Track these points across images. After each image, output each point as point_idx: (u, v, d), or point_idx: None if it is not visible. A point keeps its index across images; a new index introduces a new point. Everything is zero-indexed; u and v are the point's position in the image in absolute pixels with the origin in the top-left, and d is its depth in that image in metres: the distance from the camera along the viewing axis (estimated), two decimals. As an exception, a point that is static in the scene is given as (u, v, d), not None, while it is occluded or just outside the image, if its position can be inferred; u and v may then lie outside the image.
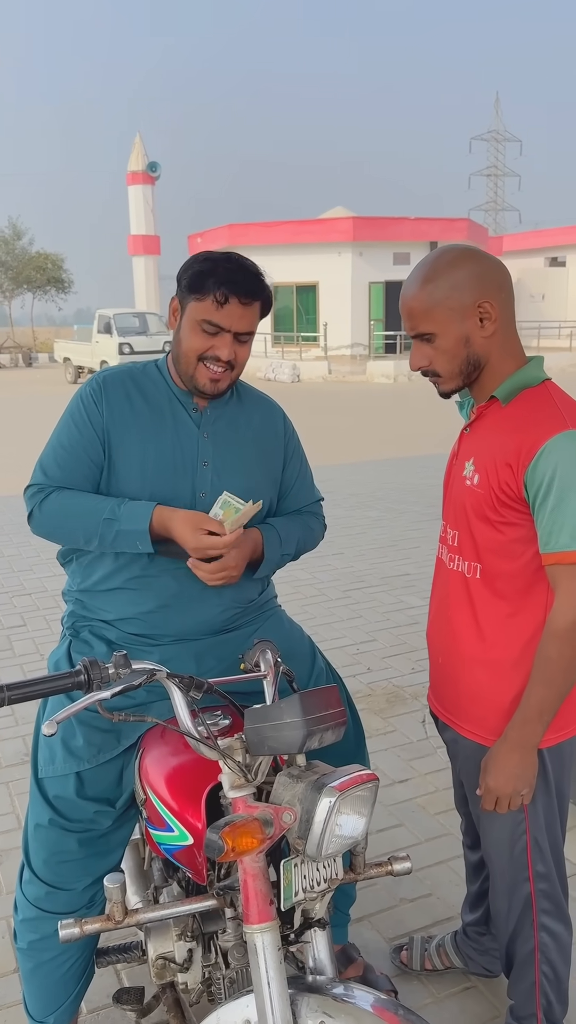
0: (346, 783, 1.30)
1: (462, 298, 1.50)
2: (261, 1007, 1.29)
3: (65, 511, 1.75)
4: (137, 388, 1.81)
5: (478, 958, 2.10)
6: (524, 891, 1.71)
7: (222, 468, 1.80)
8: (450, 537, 1.67)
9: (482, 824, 1.73)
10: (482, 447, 1.57)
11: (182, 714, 1.38)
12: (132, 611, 1.78)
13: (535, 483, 1.46)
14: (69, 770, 1.72)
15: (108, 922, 1.45)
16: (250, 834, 1.25)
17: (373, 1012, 1.29)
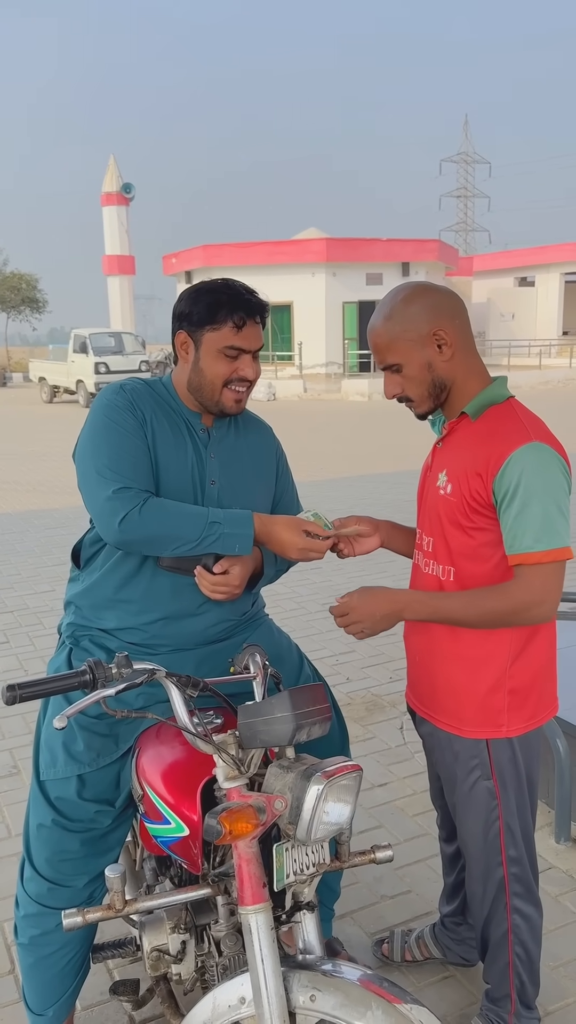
0: (333, 772, 1.41)
1: (419, 329, 1.65)
2: (256, 983, 1.39)
3: (169, 513, 1.72)
4: (157, 403, 1.86)
5: (456, 948, 2.21)
6: (497, 875, 1.83)
7: (227, 486, 1.90)
8: (425, 543, 1.80)
9: (458, 812, 1.85)
10: (454, 459, 1.71)
11: (180, 711, 1.49)
12: (133, 622, 1.87)
13: (502, 490, 1.59)
14: (70, 773, 1.81)
15: (109, 911, 1.55)
16: (245, 819, 1.36)
17: (360, 984, 1.39)
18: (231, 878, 1.54)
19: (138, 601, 1.87)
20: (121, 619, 1.89)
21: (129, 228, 35.32)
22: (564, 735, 2.83)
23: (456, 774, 1.80)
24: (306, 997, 1.39)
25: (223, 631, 1.94)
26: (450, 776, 1.82)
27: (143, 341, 23.56)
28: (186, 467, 1.86)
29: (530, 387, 25.42)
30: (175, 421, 1.87)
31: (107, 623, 1.90)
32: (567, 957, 2.30)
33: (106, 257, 35.75)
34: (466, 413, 1.70)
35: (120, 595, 1.88)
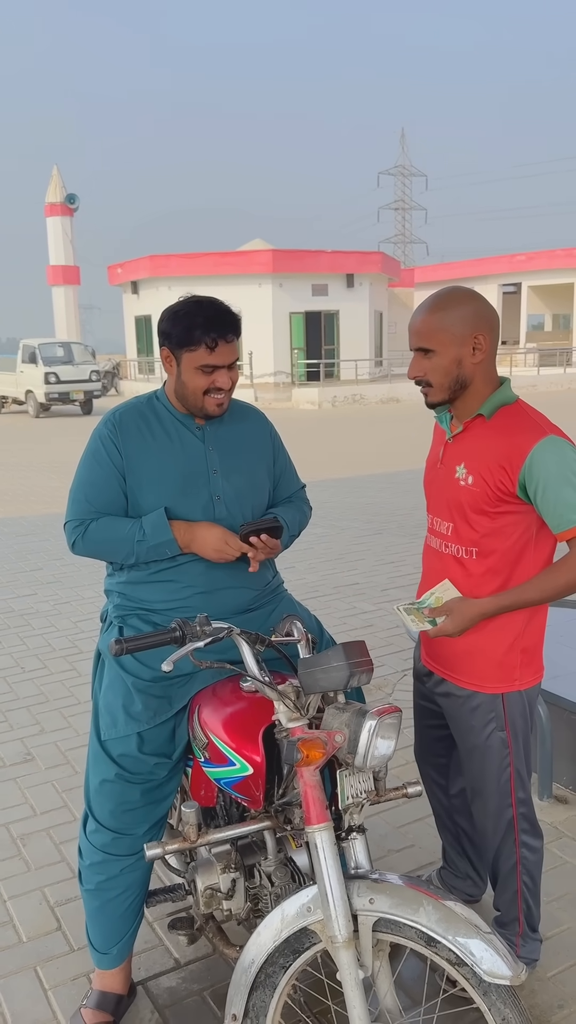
0: (382, 711, 1.67)
1: (463, 328, 1.89)
2: (323, 891, 1.62)
3: (103, 538, 2.09)
4: (146, 420, 2.14)
5: (460, 885, 2.47)
6: (508, 815, 2.10)
7: (229, 472, 2.16)
8: (444, 528, 2.05)
9: (472, 760, 2.10)
10: (472, 453, 1.96)
11: (251, 663, 1.74)
12: (173, 598, 2.11)
13: (532, 480, 1.84)
14: (131, 731, 2.02)
15: (185, 842, 1.79)
16: (317, 747, 1.61)
17: (407, 887, 1.64)
18: (293, 807, 1.79)
19: (177, 580, 2.11)
20: (165, 596, 2.12)
21: (74, 238, 35.19)
22: (546, 703, 3.14)
23: (473, 727, 2.06)
24: (365, 900, 1.63)
25: (251, 600, 2.18)
26: (466, 729, 2.08)
27: (93, 351, 23.55)
28: (187, 463, 2.11)
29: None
30: (171, 427, 2.14)
31: (150, 602, 2.13)
32: (557, 893, 2.59)
33: (50, 267, 35.54)
34: (481, 414, 1.96)
35: (160, 576, 2.12)
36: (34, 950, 2.39)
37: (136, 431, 2.12)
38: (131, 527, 2.07)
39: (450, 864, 2.48)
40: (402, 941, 1.64)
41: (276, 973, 1.72)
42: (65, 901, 2.58)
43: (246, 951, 1.73)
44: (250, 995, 1.72)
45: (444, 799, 2.41)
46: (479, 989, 1.57)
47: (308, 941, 1.69)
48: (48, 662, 4.60)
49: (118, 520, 2.09)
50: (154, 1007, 2.19)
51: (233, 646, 1.84)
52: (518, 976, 1.53)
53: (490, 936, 1.57)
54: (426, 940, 1.60)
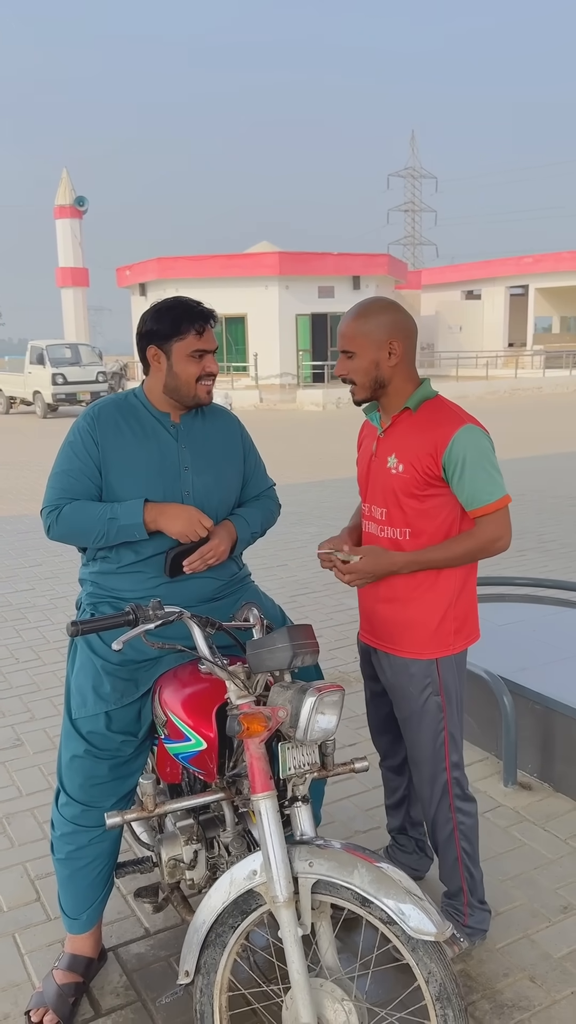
0: (323, 688, 1.80)
1: (379, 335, 2.11)
2: (266, 855, 1.76)
3: (76, 519, 2.21)
4: (123, 415, 2.28)
5: (406, 859, 2.61)
6: (442, 780, 2.25)
7: (199, 470, 2.29)
8: (378, 514, 2.23)
9: (410, 725, 2.26)
10: (402, 444, 2.15)
11: (201, 644, 1.87)
12: (143, 587, 2.25)
13: (451, 463, 2.06)
14: (99, 710, 2.16)
15: (143, 811, 1.93)
16: (258, 721, 1.75)
17: (345, 851, 1.77)
18: (242, 778, 1.93)
19: (145, 571, 2.25)
20: (134, 585, 2.26)
21: (83, 241, 35.45)
22: (511, 693, 3.27)
23: (411, 693, 2.22)
24: (305, 864, 1.77)
25: (216, 590, 2.32)
26: (405, 695, 2.24)
27: (100, 352, 23.77)
28: (160, 459, 2.25)
29: (477, 397, 26.24)
30: (147, 423, 2.27)
31: (122, 591, 2.27)
32: (514, 872, 2.71)
33: (59, 269, 35.83)
34: (408, 407, 2.16)
35: (130, 568, 2.26)
36: (13, 919, 2.54)
37: (113, 425, 2.25)
38: (103, 509, 2.19)
39: (396, 840, 2.62)
40: (339, 902, 1.77)
41: (226, 932, 1.85)
42: (45, 875, 2.73)
43: (198, 912, 1.87)
44: (201, 952, 1.86)
45: (388, 774, 2.57)
46: (408, 946, 1.70)
47: (254, 903, 1.82)
48: (42, 653, 4.75)
49: (90, 504, 2.22)
50: (123, 971, 2.33)
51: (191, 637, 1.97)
52: (442, 933, 1.66)
53: (418, 897, 1.70)
54: (360, 901, 1.73)
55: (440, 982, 1.68)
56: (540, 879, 2.67)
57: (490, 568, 6.21)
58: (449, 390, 25.90)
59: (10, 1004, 2.22)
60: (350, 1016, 1.76)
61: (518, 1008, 2.15)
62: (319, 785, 2.46)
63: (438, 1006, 1.68)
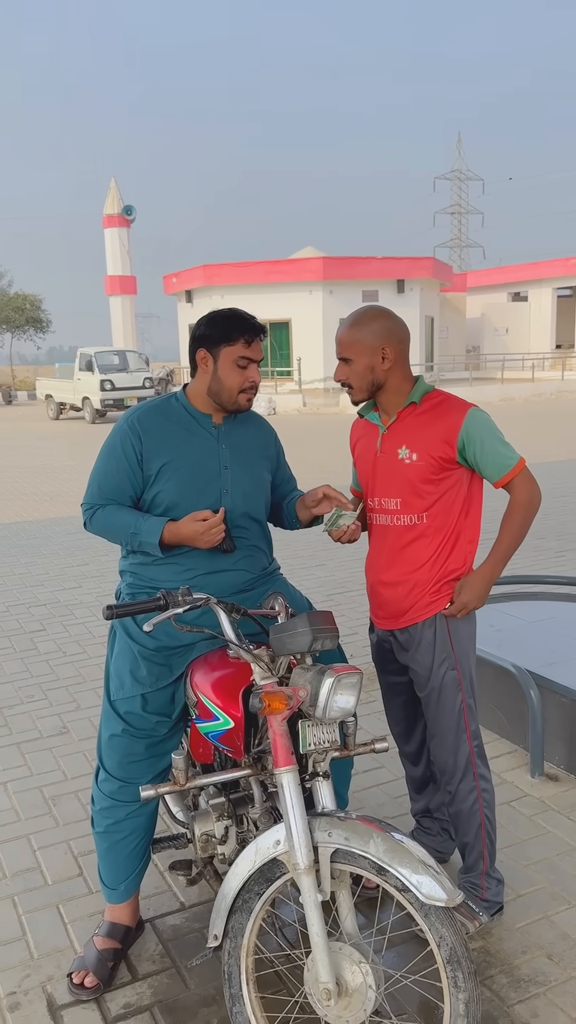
0: (341, 670, 1.92)
1: (372, 342, 2.26)
2: (288, 825, 1.88)
3: (107, 524, 2.37)
4: (165, 416, 2.41)
5: (430, 842, 2.71)
6: (465, 750, 2.37)
7: (238, 469, 2.42)
8: (392, 504, 2.35)
9: (431, 700, 2.38)
10: (412, 435, 2.30)
11: (227, 629, 2.01)
12: (179, 578, 2.39)
13: (470, 444, 2.23)
14: (136, 692, 2.31)
15: (175, 785, 2.06)
16: (279, 699, 1.88)
17: (361, 823, 1.89)
18: (267, 755, 2.05)
19: (181, 563, 2.39)
20: (171, 576, 2.39)
21: (131, 249, 36.08)
22: (537, 686, 3.34)
23: (430, 670, 2.36)
24: (324, 834, 1.89)
25: (247, 582, 2.44)
26: (424, 673, 2.38)
27: (147, 359, 24.19)
28: (201, 456, 2.38)
29: (523, 399, 26.00)
30: (188, 424, 2.40)
31: (159, 580, 2.41)
32: (537, 858, 2.79)
33: (108, 277, 36.52)
34: (413, 402, 2.31)
35: (167, 560, 2.40)
36: (57, 891, 2.70)
37: (155, 427, 2.38)
38: (129, 520, 2.33)
39: (421, 823, 2.73)
40: (357, 870, 1.88)
41: (252, 899, 1.98)
42: (87, 852, 2.89)
43: (226, 880, 2.00)
44: (229, 917, 1.99)
45: (409, 763, 2.68)
46: (420, 911, 1.81)
47: (278, 871, 1.94)
48: (87, 647, 4.95)
49: (122, 510, 2.36)
50: (159, 940, 2.47)
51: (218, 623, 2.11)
52: (453, 900, 1.77)
53: (430, 867, 1.81)
54: (377, 869, 1.84)
55: (451, 946, 1.78)
56: (562, 864, 2.74)
57: (528, 567, 6.24)
58: (494, 392, 25.73)
59: (54, 967, 2.37)
60: (367, 977, 1.87)
61: (534, 983, 2.24)
62: (345, 768, 2.57)
63: (448, 968, 1.78)
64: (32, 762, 3.57)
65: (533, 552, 6.69)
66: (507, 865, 2.72)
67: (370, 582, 2.47)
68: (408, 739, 2.64)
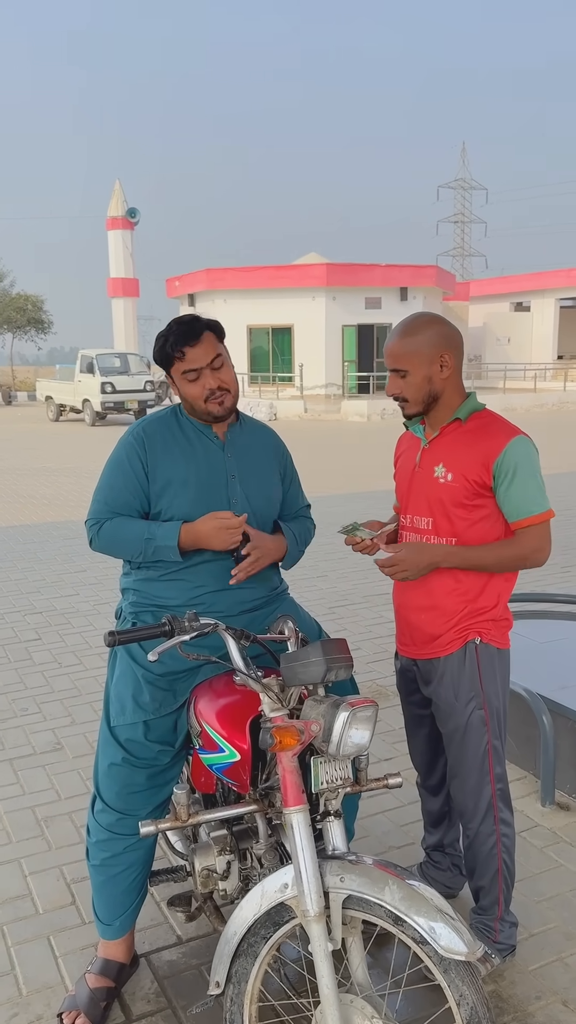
0: (356, 703, 1.81)
1: (431, 350, 2.11)
2: (297, 869, 1.77)
3: (116, 536, 2.26)
4: (170, 429, 2.32)
5: (440, 877, 2.59)
6: (487, 793, 2.24)
7: (244, 479, 2.32)
8: (425, 524, 2.23)
9: (455, 739, 2.25)
10: (451, 454, 2.16)
11: (236, 657, 1.89)
12: (186, 595, 2.28)
13: (502, 473, 2.08)
14: (138, 719, 2.19)
15: (176, 821, 1.95)
16: (291, 735, 1.76)
17: (377, 868, 1.78)
18: (275, 791, 1.94)
19: (189, 579, 2.28)
20: (177, 593, 2.28)
21: (134, 251, 36.01)
22: (549, 712, 3.23)
23: (456, 707, 2.23)
24: (336, 879, 1.77)
25: (255, 601, 2.34)
26: (450, 709, 2.24)
27: (148, 362, 24.08)
28: (208, 466, 2.29)
29: (525, 410, 25.93)
30: (193, 435, 2.31)
31: (165, 599, 2.30)
32: (549, 894, 2.68)
33: (111, 280, 36.44)
34: (458, 418, 2.17)
35: (174, 576, 2.29)
36: (48, 921, 2.58)
37: (160, 440, 2.30)
38: (141, 528, 2.24)
39: (431, 856, 2.61)
40: (371, 919, 1.77)
41: (257, 943, 1.86)
42: (81, 879, 2.76)
43: (230, 923, 1.88)
44: (232, 963, 1.87)
45: (429, 796, 2.56)
46: (440, 967, 1.69)
47: (286, 915, 1.83)
48: (84, 658, 4.83)
49: (130, 521, 2.27)
50: (155, 977, 2.35)
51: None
52: (473, 953, 1.65)
53: (449, 916, 1.69)
54: (393, 919, 1.72)
55: (472, 1005, 1.67)
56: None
57: (535, 584, 6.14)
58: (496, 402, 25.64)
59: (43, 1006, 2.25)
60: (379, 1033, 1.76)
61: (551, 1033, 2.12)
62: (353, 799, 2.46)
63: (468, 1030, 1.67)
64: (25, 780, 3.45)
65: (539, 568, 6.58)
66: (518, 901, 2.60)
67: (396, 603, 2.36)
68: (430, 773, 2.52)
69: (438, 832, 2.57)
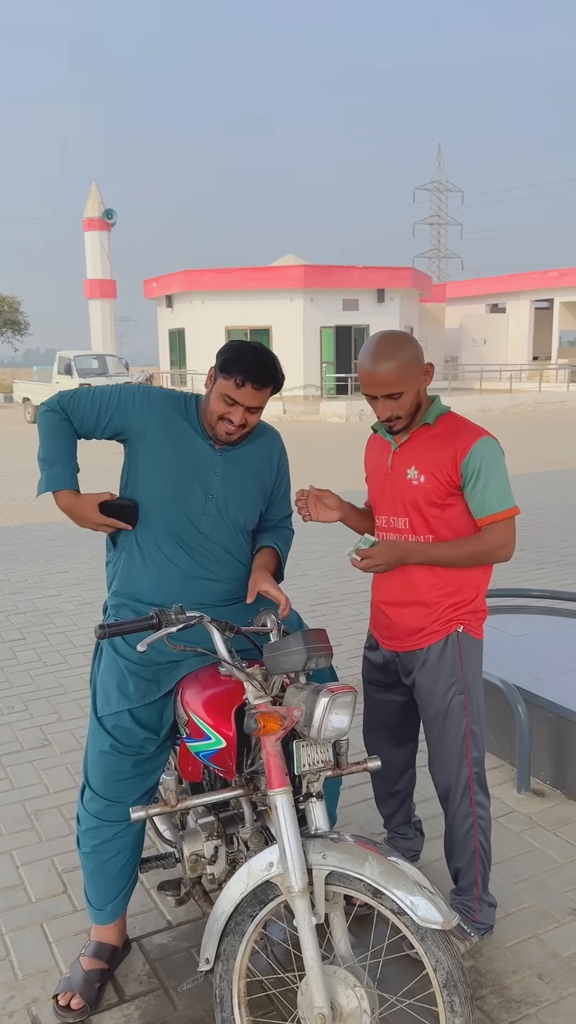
0: (335, 689, 1.90)
1: (417, 366, 2.22)
2: (282, 847, 1.86)
3: (44, 432, 2.36)
4: (176, 408, 2.39)
5: (404, 845, 2.73)
6: (464, 776, 2.35)
7: (227, 478, 2.39)
8: (402, 523, 2.33)
9: (435, 724, 2.37)
10: (422, 456, 2.27)
11: (220, 647, 1.98)
12: (159, 585, 2.34)
13: (469, 472, 2.20)
14: (123, 707, 2.27)
15: (166, 806, 2.03)
16: (274, 720, 1.85)
17: (357, 845, 1.87)
18: (260, 775, 2.03)
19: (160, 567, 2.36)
20: (153, 586, 2.34)
21: (111, 252, 35.94)
22: (525, 702, 3.34)
23: (437, 693, 2.34)
24: (319, 856, 1.86)
25: (230, 593, 2.41)
26: (431, 696, 2.36)
27: (126, 363, 24.07)
28: (194, 456, 2.35)
29: (501, 410, 26.19)
30: (194, 423, 2.38)
31: (144, 595, 2.36)
32: (525, 875, 2.79)
33: (88, 281, 36.33)
34: (427, 423, 2.28)
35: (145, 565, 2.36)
36: (41, 909, 2.66)
37: (164, 412, 2.37)
38: (57, 452, 2.33)
39: (398, 831, 2.75)
40: (352, 893, 1.86)
41: (244, 921, 1.95)
42: (72, 869, 2.84)
43: (218, 902, 1.97)
44: (221, 940, 1.96)
45: (385, 760, 2.64)
46: (417, 935, 1.79)
47: (272, 893, 1.92)
48: (68, 657, 4.89)
49: (65, 436, 2.35)
50: (146, 960, 2.43)
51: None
52: (448, 922, 1.75)
53: (426, 889, 1.79)
54: (373, 892, 1.82)
55: (447, 970, 1.76)
56: (550, 882, 2.74)
57: (509, 580, 6.27)
58: (472, 403, 25.89)
59: (39, 988, 2.33)
60: (362, 1001, 1.85)
61: (525, 1003, 2.23)
62: (334, 786, 2.55)
63: (445, 993, 1.76)
64: (13, 775, 3.51)
65: (514, 564, 6.72)
66: (495, 883, 2.71)
67: (376, 601, 2.46)
68: (390, 755, 2.62)
69: (399, 812, 2.71)
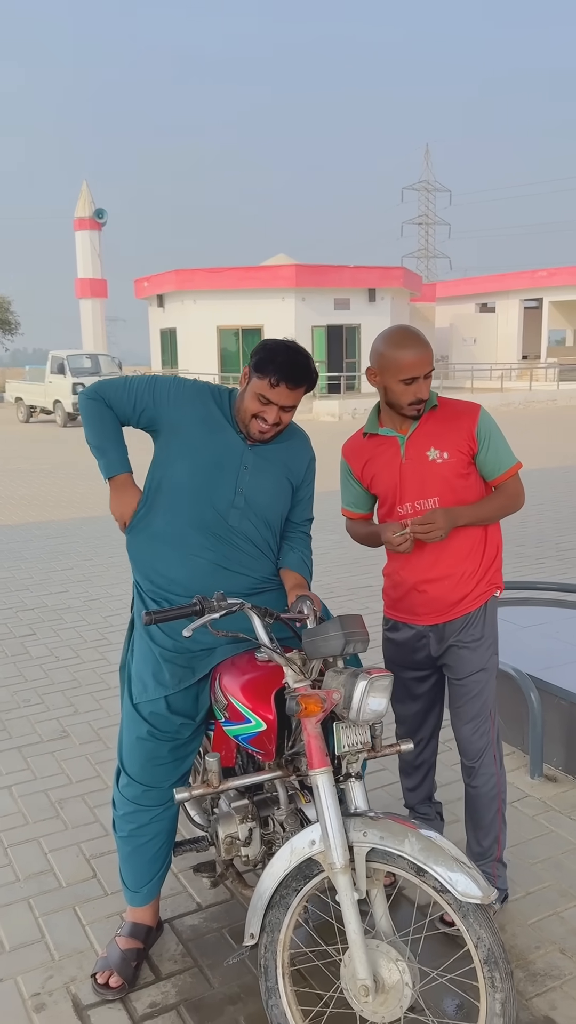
0: (373, 672, 1.97)
1: (432, 351, 2.40)
2: (323, 825, 1.92)
3: (95, 420, 2.44)
4: (212, 396, 2.44)
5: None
6: (492, 732, 2.52)
7: (256, 473, 2.43)
8: (432, 503, 2.44)
9: (471, 683, 2.50)
10: (438, 436, 2.44)
11: (261, 633, 2.05)
12: (192, 575, 2.39)
13: (482, 437, 2.45)
14: (159, 695, 2.33)
15: (209, 787, 2.09)
16: (315, 702, 1.92)
17: (395, 822, 1.94)
18: (300, 757, 2.09)
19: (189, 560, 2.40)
20: (183, 577, 2.39)
21: (102, 252, 35.89)
22: (537, 689, 3.42)
23: (477, 652, 2.51)
24: (359, 834, 1.93)
25: (255, 585, 2.45)
26: (470, 655, 2.51)
27: (119, 363, 24.07)
28: (225, 449, 2.38)
29: (492, 409, 26.32)
30: (227, 422, 2.41)
31: (175, 585, 2.41)
32: (542, 857, 2.87)
33: (79, 280, 36.25)
34: (434, 406, 2.46)
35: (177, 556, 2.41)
36: (73, 893, 2.71)
37: (199, 404, 2.40)
38: (99, 440, 2.44)
39: (417, 810, 2.84)
40: (394, 870, 1.92)
41: (288, 895, 2.01)
42: (99, 854, 2.90)
43: (261, 880, 2.03)
44: (265, 914, 2.02)
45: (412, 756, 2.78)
46: (459, 912, 1.85)
47: (315, 869, 1.98)
48: (80, 652, 4.94)
49: (113, 424, 2.44)
50: (179, 940, 2.50)
51: (251, 628, 2.14)
52: (488, 896, 1.81)
53: (465, 864, 1.85)
54: (415, 870, 1.88)
55: (488, 946, 1.83)
56: (568, 863, 2.82)
57: (510, 574, 6.36)
58: (464, 401, 26.00)
59: (76, 968, 2.39)
60: (404, 975, 1.92)
61: (550, 976, 2.31)
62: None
63: (486, 969, 1.83)
64: (35, 766, 3.56)
65: (515, 559, 6.82)
66: (514, 864, 2.79)
67: (411, 583, 2.52)
68: (416, 729, 2.73)
69: (424, 786, 2.79)
